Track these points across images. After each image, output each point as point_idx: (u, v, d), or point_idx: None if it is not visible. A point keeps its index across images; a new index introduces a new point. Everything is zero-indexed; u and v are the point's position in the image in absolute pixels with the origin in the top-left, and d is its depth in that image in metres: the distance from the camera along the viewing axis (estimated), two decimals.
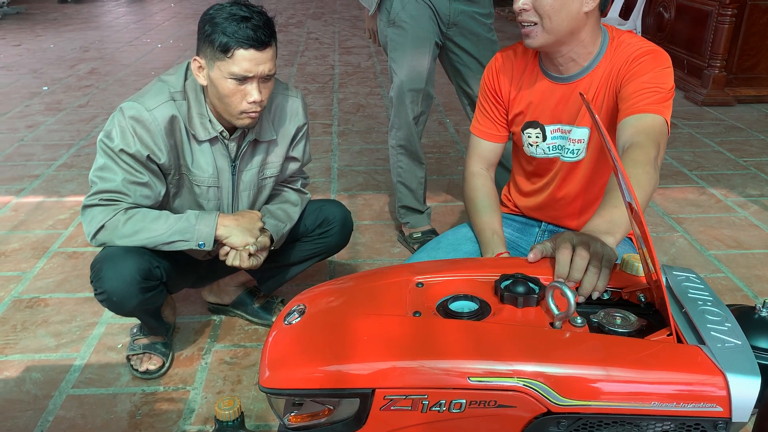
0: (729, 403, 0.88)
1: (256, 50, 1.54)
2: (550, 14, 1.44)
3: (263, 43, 1.54)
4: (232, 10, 1.55)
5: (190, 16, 8.45)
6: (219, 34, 1.52)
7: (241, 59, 1.53)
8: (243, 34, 1.52)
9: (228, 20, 1.53)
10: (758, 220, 2.77)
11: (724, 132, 3.91)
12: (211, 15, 1.56)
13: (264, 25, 1.56)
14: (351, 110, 4.31)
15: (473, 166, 1.73)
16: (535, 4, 1.44)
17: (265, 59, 1.56)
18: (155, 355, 1.83)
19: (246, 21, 1.53)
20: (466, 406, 0.91)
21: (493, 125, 1.71)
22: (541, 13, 1.44)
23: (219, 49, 1.53)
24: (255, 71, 1.55)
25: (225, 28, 1.52)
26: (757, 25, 4.34)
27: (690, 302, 1.02)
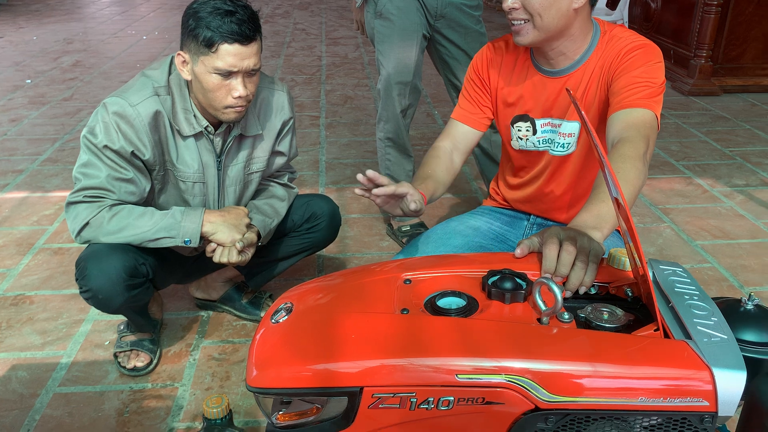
0: (715, 397, 0.88)
1: (241, 45, 1.52)
2: (540, 12, 1.43)
3: (248, 37, 1.53)
4: (216, 4, 1.53)
5: (175, 7, 8.36)
6: (203, 28, 1.51)
7: (226, 54, 1.51)
8: (227, 28, 1.50)
9: (212, 14, 1.51)
10: (744, 210, 2.79)
11: (710, 122, 3.93)
12: (194, 9, 1.54)
13: (249, 19, 1.54)
14: (339, 102, 4.29)
15: (442, 143, 1.69)
16: (524, 3, 1.44)
17: (250, 54, 1.54)
18: (143, 352, 1.82)
19: (230, 15, 1.51)
20: (455, 403, 0.91)
21: (474, 108, 1.69)
22: (531, 11, 1.44)
23: (203, 44, 1.51)
24: (240, 66, 1.53)
25: (209, 22, 1.50)
26: (743, 15, 4.35)
27: (677, 296, 1.03)
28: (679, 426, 0.92)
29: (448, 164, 1.66)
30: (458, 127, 1.70)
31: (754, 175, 3.14)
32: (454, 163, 1.69)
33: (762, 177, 3.12)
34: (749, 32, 4.40)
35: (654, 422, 0.93)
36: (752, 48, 4.46)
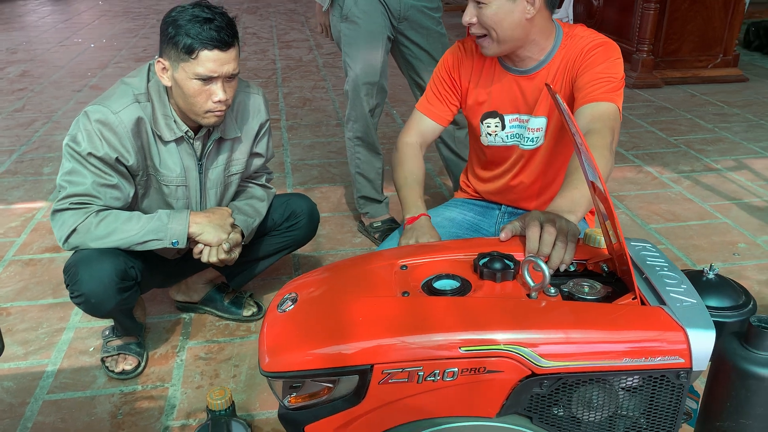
0: (690, 354, 0.99)
1: (220, 51, 1.57)
2: (493, 26, 1.53)
3: (227, 43, 1.58)
4: (194, 12, 1.57)
5: (120, 14, 8.23)
6: (183, 35, 1.55)
7: (206, 60, 1.56)
8: (207, 35, 1.55)
9: (191, 22, 1.56)
10: (691, 194, 2.97)
11: (654, 113, 4.13)
12: (173, 17, 1.58)
13: (227, 26, 1.59)
14: (297, 104, 4.34)
15: (409, 137, 1.78)
16: (479, 19, 1.54)
17: (229, 59, 1.60)
18: (130, 356, 1.85)
19: (209, 22, 1.56)
20: (459, 374, 0.99)
21: (441, 105, 1.78)
22: (486, 27, 1.54)
23: (183, 51, 1.56)
24: (220, 71, 1.58)
25: (188, 29, 1.55)
26: (679, 11, 4.58)
27: (649, 269, 1.13)
28: (659, 383, 1.02)
29: (420, 163, 1.76)
30: (425, 120, 1.79)
31: (698, 161, 3.34)
32: (421, 157, 1.78)
33: (705, 163, 3.32)
34: (685, 27, 4.64)
35: (636, 383, 1.03)
36: (689, 42, 4.70)
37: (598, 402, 1.04)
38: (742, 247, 2.49)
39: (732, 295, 1.13)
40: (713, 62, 4.76)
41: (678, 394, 1.03)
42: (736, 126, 3.84)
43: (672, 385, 1.02)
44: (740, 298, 1.12)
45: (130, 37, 6.70)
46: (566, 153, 1.72)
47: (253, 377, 1.83)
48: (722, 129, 3.80)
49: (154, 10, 8.45)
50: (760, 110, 4.12)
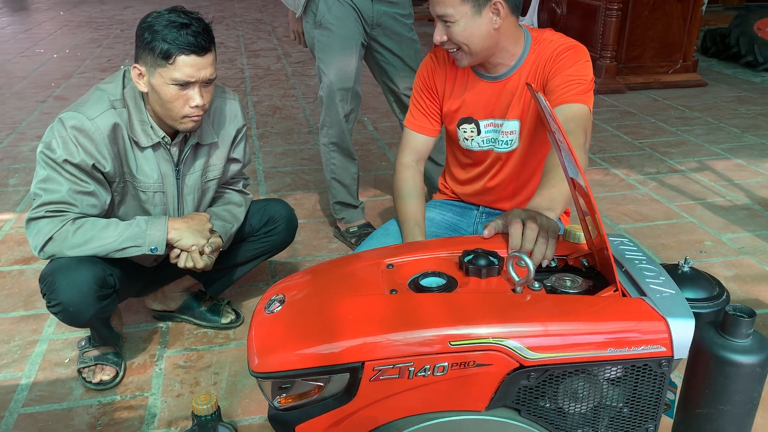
0: (671, 343, 1.02)
1: (198, 56, 1.57)
2: (465, 42, 1.57)
3: (204, 48, 1.58)
4: (170, 18, 1.57)
5: (83, 24, 8.11)
6: (159, 41, 1.55)
7: (183, 65, 1.56)
8: (184, 40, 1.55)
9: (168, 27, 1.55)
10: (658, 195, 3.05)
11: (619, 117, 4.23)
12: (149, 23, 1.58)
13: (203, 31, 1.59)
14: (268, 113, 4.33)
15: (404, 158, 1.83)
16: (449, 36, 1.58)
17: (206, 64, 1.60)
18: (108, 366, 1.82)
19: (186, 27, 1.56)
20: (449, 368, 1.01)
21: (426, 119, 1.82)
22: (457, 43, 1.58)
23: (160, 56, 1.55)
24: (197, 76, 1.58)
25: (165, 35, 1.54)
26: (641, 18, 4.71)
27: (628, 262, 1.17)
28: (642, 372, 1.05)
29: (419, 180, 1.81)
30: (416, 137, 1.83)
31: (663, 163, 3.43)
32: (421, 173, 1.84)
33: (670, 164, 3.41)
34: (647, 33, 4.77)
35: (619, 373, 1.06)
36: (650, 48, 4.83)
37: (584, 393, 1.07)
38: (708, 245, 2.56)
39: (706, 287, 1.17)
40: (673, 68, 4.89)
41: (660, 383, 1.06)
42: (697, 129, 3.95)
43: (654, 374, 1.05)
44: (714, 290, 1.16)
45: (94, 47, 6.61)
46: (540, 154, 1.75)
47: (234, 384, 1.82)
48: (684, 132, 3.91)
49: (118, 20, 8.35)
50: (719, 114, 4.25)
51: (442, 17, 1.55)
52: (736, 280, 2.31)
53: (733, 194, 3.03)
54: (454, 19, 1.54)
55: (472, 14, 1.53)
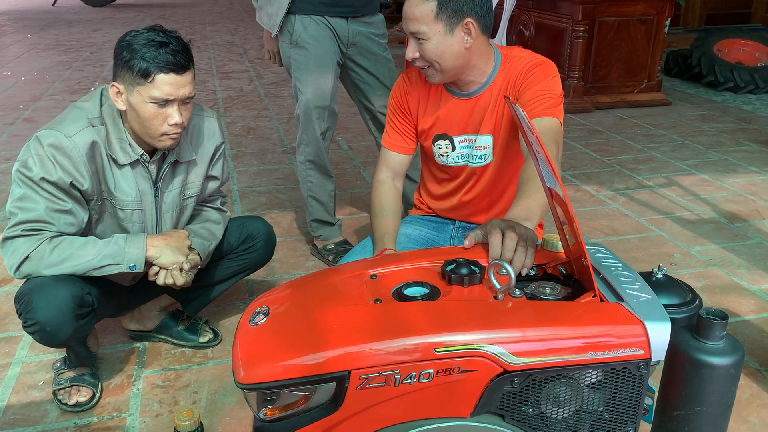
0: (648, 345, 1.06)
1: (177, 74, 1.58)
2: (437, 59, 1.61)
3: (183, 67, 1.59)
4: (149, 36, 1.58)
5: (50, 47, 8.03)
6: (138, 59, 1.55)
7: (162, 83, 1.57)
8: (163, 59, 1.56)
9: (146, 46, 1.56)
10: (627, 210, 3.12)
11: (587, 135, 4.32)
12: (128, 41, 1.58)
13: (182, 50, 1.60)
14: (242, 133, 4.33)
15: (380, 175, 1.86)
16: (421, 53, 1.62)
17: (185, 82, 1.61)
18: (84, 387, 1.79)
19: (165, 46, 1.57)
20: (434, 375, 1.02)
21: (401, 138, 1.85)
22: (429, 60, 1.62)
23: (139, 75, 1.56)
24: (176, 95, 1.59)
25: (144, 53, 1.55)
26: (606, 39, 4.84)
27: (605, 269, 1.20)
28: (621, 376, 1.08)
29: (395, 195, 1.85)
30: (392, 155, 1.87)
31: (631, 179, 3.51)
32: (398, 189, 1.88)
33: (638, 180, 3.49)
34: (612, 54, 4.90)
35: (600, 378, 1.09)
36: (616, 68, 4.96)
37: (566, 398, 1.09)
38: (677, 258, 2.63)
39: (680, 293, 1.20)
40: (639, 87, 5.02)
41: (639, 386, 1.09)
42: (663, 146, 4.06)
43: (633, 377, 1.08)
44: (687, 296, 1.20)
45: (63, 69, 6.55)
46: (513, 167, 1.79)
47: (214, 402, 1.80)
48: (651, 149, 4.01)
49: (87, 42, 8.29)
50: (684, 131, 4.37)
51: (415, 34, 1.59)
52: (706, 290, 2.37)
53: (700, 208, 3.11)
54: (427, 36, 1.57)
55: (444, 33, 1.57)
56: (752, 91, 5.35)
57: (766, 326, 2.15)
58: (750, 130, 4.37)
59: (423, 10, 1.56)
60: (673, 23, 7.20)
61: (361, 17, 2.33)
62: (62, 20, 10.61)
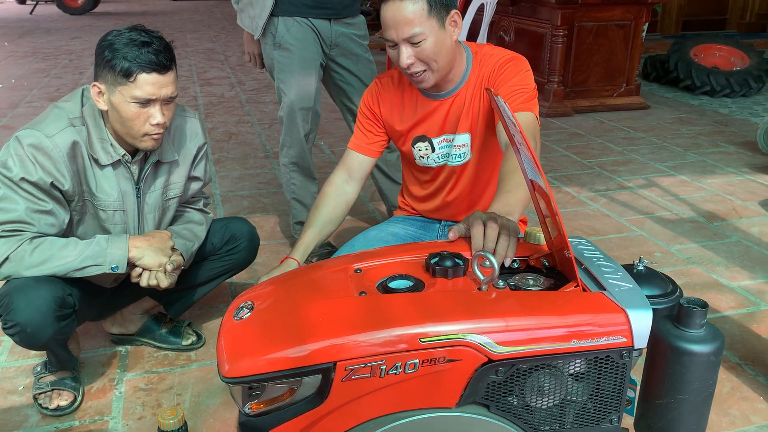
0: (631, 333, 1.07)
1: (159, 74, 1.57)
2: (434, 58, 1.59)
3: (165, 66, 1.58)
4: (131, 36, 1.57)
5: (28, 54, 7.95)
6: (120, 59, 1.54)
7: (144, 83, 1.56)
8: (145, 58, 1.55)
9: (128, 45, 1.55)
10: (608, 210, 3.15)
11: (567, 138, 4.36)
12: (110, 41, 1.58)
13: (164, 49, 1.60)
14: (223, 138, 4.31)
15: (334, 176, 1.85)
16: (418, 56, 1.58)
17: (168, 82, 1.60)
18: (65, 391, 1.77)
19: (147, 46, 1.56)
20: (420, 365, 1.03)
21: (366, 139, 1.84)
22: (426, 61, 1.59)
23: (121, 74, 1.55)
24: (158, 94, 1.58)
25: (126, 53, 1.55)
26: (585, 44, 4.90)
27: (587, 260, 1.22)
28: (604, 364, 1.09)
29: (337, 203, 1.81)
30: (354, 156, 1.85)
31: (611, 181, 3.55)
32: (347, 195, 1.83)
33: (618, 182, 3.53)
34: (591, 59, 4.96)
35: (583, 367, 1.10)
36: (595, 73, 5.02)
37: (550, 387, 1.10)
38: (658, 256, 2.66)
39: (660, 285, 1.22)
40: (618, 91, 5.09)
41: (622, 374, 1.10)
42: (642, 148, 4.11)
43: (616, 365, 1.09)
44: (668, 287, 1.22)
45: (42, 77, 6.49)
46: (492, 164, 1.80)
47: (198, 404, 1.79)
48: (630, 151, 4.06)
49: (65, 50, 8.23)
50: (662, 134, 4.43)
51: (410, 39, 1.55)
52: (686, 288, 2.40)
53: (679, 208, 3.15)
54: (424, 36, 1.54)
55: (438, 28, 1.56)
56: (728, 95, 5.44)
57: (746, 321, 2.18)
58: (727, 132, 4.44)
59: (415, 10, 1.52)
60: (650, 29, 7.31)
61: (343, 18, 2.35)
62: (40, 28, 10.53)
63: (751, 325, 2.16)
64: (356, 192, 1.85)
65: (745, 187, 3.42)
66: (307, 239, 1.72)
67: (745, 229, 2.91)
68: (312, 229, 1.74)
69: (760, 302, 2.30)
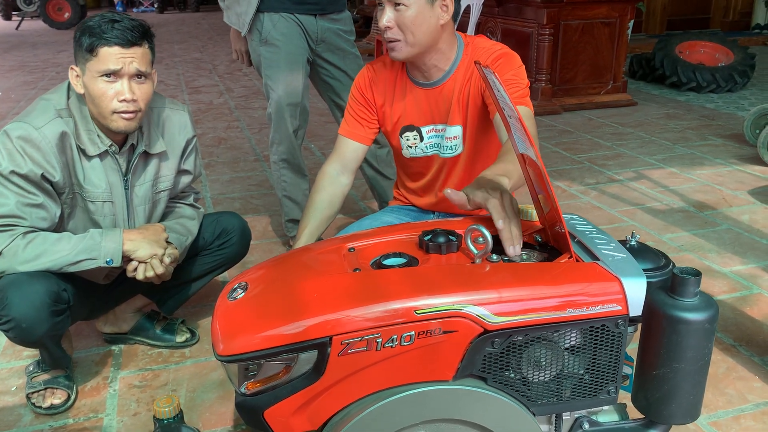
0: (625, 301, 1.07)
1: (121, 47, 1.55)
2: (411, 29, 1.60)
3: (129, 41, 1.56)
4: (105, 16, 1.57)
5: (15, 68, 7.92)
6: (86, 36, 1.55)
7: (107, 55, 1.54)
8: (109, 33, 1.54)
9: (97, 23, 1.55)
10: (599, 203, 3.16)
11: (557, 135, 4.38)
12: (84, 22, 1.58)
13: (132, 28, 1.57)
14: (213, 144, 4.31)
15: (328, 166, 1.84)
16: (397, 22, 1.60)
17: (134, 57, 1.57)
18: (59, 389, 1.75)
19: (115, 23, 1.55)
20: (416, 337, 1.02)
21: (359, 126, 1.84)
22: (404, 29, 1.60)
23: (86, 50, 1.55)
24: (123, 67, 1.55)
25: (93, 29, 1.54)
26: (571, 42, 4.93)
27: (579, 233, 1.22)
28: (600, 334, 1.09)
29: (333, 193, 1.81)
30: (347, 143, 1.84)
31: (601, 175, 3.56)
32: (342, 186, 1.83)
33: (608, 175, 3.55)
34: (578, 57, 4.99)
35: (579, 339, 1.10)
36: (582, 71, 5.05)
37: (546, 360, 1.09)
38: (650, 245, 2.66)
39: (653, 259, 1.22)
40: (605, 89, 5.12)
41: (618, 343, 1.10)
42: (631, 143, 4.13)
43: (612, 335, 1.09)
44: (661, 261, 1.22)
45: (29, 89, 6.46)
46: (485, 158, 1.80)
47: (193, 399, 1.77)
48: (619, 146, 4.08)
49: (52, 63, 8.20)
50: (650, 129, 4.46)
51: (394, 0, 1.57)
52: None
53: (670, 199, 3.17)
54: (408, 3, 1.56)
55: (425, 2, 1.57)
56: (714, 91, 5.49)
57: (739, 305, 2.19)
58: (714, 126, 4.48)
59: None
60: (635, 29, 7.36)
61: (329, 14, 2.35)
62: (26, 43, 10.49)
63: (744, 308, 2.17)
64: (350, 183, 1.85)
65: (733, 177, 3.44)
66: (309, 230, 1.72)
67: (735, 217, 2.93)
68: (313, 220, 1.74)
69: (752, 286, 2.31)
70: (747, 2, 8.73)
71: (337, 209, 1.82)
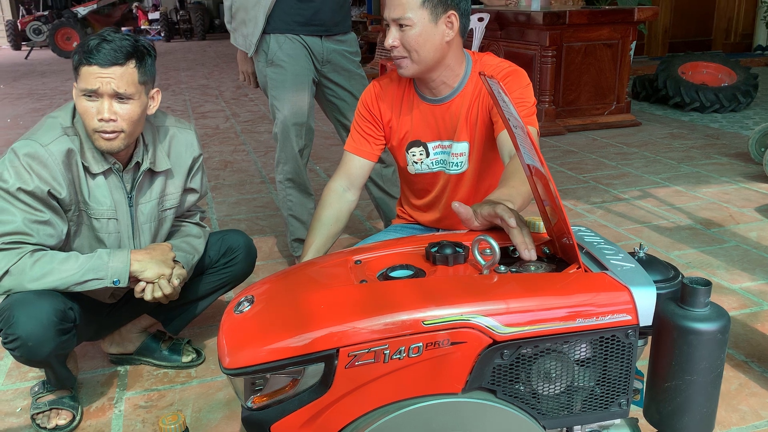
0: (635, 310, 1.06)
1: (100, 67, 1.54)
2: (416, 48, 1.62)
3: (109, 61, 1.55)
4: (102, 34, 1.58)
5: (24, 96, 8.02)
6: (77, 54, 1.57)
7: (86, 74, 1.55)
8: (91, 53, 1.54)
9: (88, 41, 1.57)
10: (605, 221, 3.15)
11: (562, 156, 4.39)
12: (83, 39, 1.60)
13: (120, 48, 1.56)
14: (219, 167, 4.33)
15: (334, 183, 1.83)
16: (402, 41, 1.62)
17: (110, 77, 1.56)
18: (64, 410, 1.73)
19: (104, 42, 1.56)
20: (424, 349, 1.01)
21: (366, 142, 1.84)
22: (409, 48, 1.63)
23: (74, 68, 1.58)
24: (100, 86, 1.55)
25: (82, 47, 1.56)
26: (574, 64, 4.96)
27: (588, 244, 1.21)
28: (610, 344, 1.08)
29: (340, 210, 1.80)
30: (353, 159, 1.84)
31: (607, 193, 3.56)
32: (348, 202, 1.83)
33: (614, 194, 3.54)
34: (581, 78, 5.02)
35: (590, 349, 1.08)
36: (585, 92, 5.08)
37: (556, 372, 1.08)
38: None
39: (663, 271, 1.21)
40: (608, 109, 5.14)
41: (629, 354, 1.09)
42: (636, 162, 4.14)
43: (622, 345, 1.08)
44: (670, 272, 1.21)
45: (37, 116, 6.53)
46: (490, 176, 1.80)
47: (198, 420, 1.76)
48: (624, 165, 4.08)
49: (60, 90, 8.31)
50: (655, 148, 4.46)
51: (398, 20, 1.60)
52: None
53: (676, 216, 3.16)
54: (411, 23, 1.58)
55: (428, 21, 1.59)
56: (718, 110, 5.50)
57: (749, 321, 2.17)
58: (718, 145, 4.48)
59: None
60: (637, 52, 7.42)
61: (334, 35, 2.38)
62: (35, 71, 10.64)
63: (755, 324, 2.15)
64: (356, 200, 1.85)
65: (740, 195, 3.43)
66: (316, 246, 1.72)
67: (743, 234, 2.92)
68: (319, 236, 1.74)
69: (762, 302, 2.29)
70: (749, 24, 8.79)
71: (344, 225, 1.82)
